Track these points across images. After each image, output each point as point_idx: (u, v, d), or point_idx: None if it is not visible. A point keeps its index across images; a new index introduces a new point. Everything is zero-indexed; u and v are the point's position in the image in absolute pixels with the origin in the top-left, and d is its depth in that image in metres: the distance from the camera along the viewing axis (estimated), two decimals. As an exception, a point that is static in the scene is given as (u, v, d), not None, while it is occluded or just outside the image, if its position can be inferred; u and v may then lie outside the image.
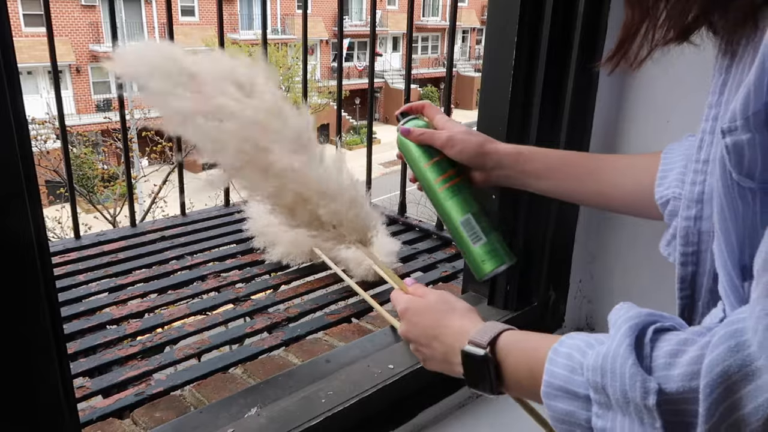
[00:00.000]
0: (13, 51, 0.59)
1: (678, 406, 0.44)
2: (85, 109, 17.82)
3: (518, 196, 1.25)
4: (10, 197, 0.60)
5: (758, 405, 0.39)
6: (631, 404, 0.46)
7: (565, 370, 0.52)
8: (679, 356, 0.45)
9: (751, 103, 0.45)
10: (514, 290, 1.30)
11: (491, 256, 0.90)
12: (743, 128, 0.45)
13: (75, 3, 17.52)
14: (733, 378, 0.40)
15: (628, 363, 0.47)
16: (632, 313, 0.50)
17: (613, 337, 0.49)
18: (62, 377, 0.69)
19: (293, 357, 1.20)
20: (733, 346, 0.41)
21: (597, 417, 0.50)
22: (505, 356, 0.62)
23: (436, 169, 0.93)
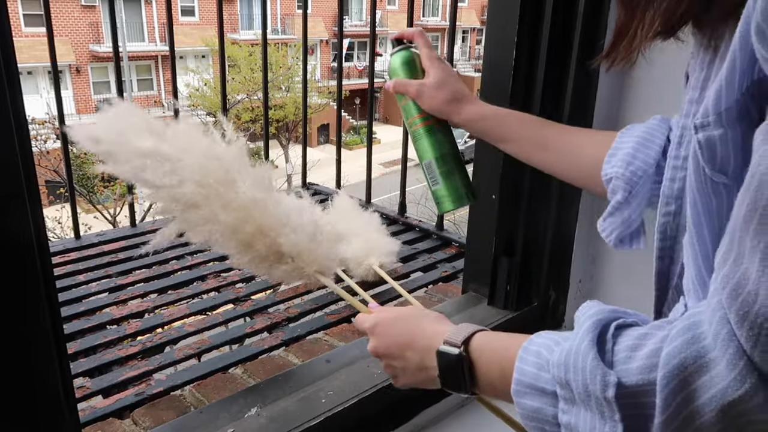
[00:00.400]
0: (13, 51, 0.59)
1: (637, 399, 0.45)
2: (85, 109, 17.81)
3: (518, 196, 1.25)
4: (10, 197, 0.60)
5: (711, 396, 0.40)
6: (592, 398, 0.47)
7: (533, 368, 0.53)
8: (639, 350, 0.46)
9: (723, 98, 0.45)
10: (514, 290, 1.30)
11: (444, 199, 0.98)
12: (715, 124, 0.46)
13: (75, 3, 17.52)
14: (689, 370, 0.41)
15: (589, 357, 0.47)
16: (595, 310, 0.51)
17: (576, 333, 0.50)
18: (62, 377, 0.69)
19: (293, 357, 1.20)
20: (690, 339, 0.42)
21: (563, 413, 0.50)
22: (479, 356, 0.63)
23: (411, 108, 0.99)
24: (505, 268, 1.29)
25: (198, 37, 17.09)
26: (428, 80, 0.96)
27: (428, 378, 0.69)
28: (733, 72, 0.44)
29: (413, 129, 0.99)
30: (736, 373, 0.39)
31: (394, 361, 0.74)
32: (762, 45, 0.41)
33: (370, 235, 1.54)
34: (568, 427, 0.50)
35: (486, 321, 1.28)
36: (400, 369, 0.73)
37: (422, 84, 0.96)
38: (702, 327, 0.42)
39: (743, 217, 0.39)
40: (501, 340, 0.62)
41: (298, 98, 14.46)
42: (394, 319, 0.77)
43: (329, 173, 2.77)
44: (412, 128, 1.00)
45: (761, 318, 0.37)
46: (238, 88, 14.73)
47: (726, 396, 0.39)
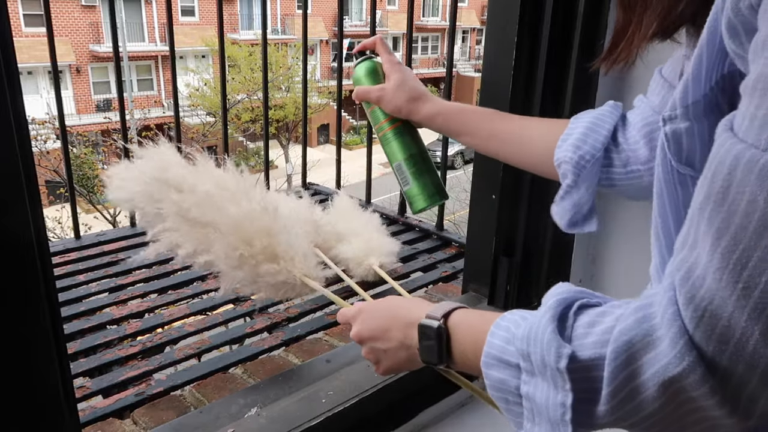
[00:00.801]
0: (13, 51, 0.59)
1: (588, 373, 0.47)
2: (85, 109, 17.81)
3: (518, 196, 1.25)
4: (10, 197, 0.60)
5: (654, 372, 0.42)
6: (548, 369, 0.49)
7: (502, 342, 0.55)
8: (595, 326, 0.48)
9: (689, 93, 0.47)
10: (514, 290, 1.30)
11: (416, 198, 1.01)
12: (682, 117, 0.48)
13: (75, 3, 17.51)
14: (636, 346, 0.43)
15: (547, 331, 0.50)
16: (562, 290, 0.53)
17: (540, 310, 0.53)
18: (62, 377, 0.69)
19: (293, 357, 1.20)
20: (640, 318, 0.44)
21: (524, 383, 0.53)
22: (456, 329, 0.66)
23: (377, 114, 1.03)
24: (505, 268, 1.29)
25: (198, 37, 17.09)
26: (388, 84, 1.00)
27: (409, 357, 0.72)
28: (700, 67, 0.46)
29: (381, 134, 1.03)
30: (677, 351, 0.41)
31: (377, 342, 0.75)
32: (733, 40, 0.42)
33: (370, 235, 1.54)
34: (528, 397, 0.53)
35: (486, 321, 1.28)
36: (383, 351, 0.75)
37: (382, 88, 1.00)
38: (653, 307, 0.44)
39: (699, 205, 0.41)
40: (478, 316, 0.65)
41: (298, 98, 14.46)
42: (376, 303, 0.80)
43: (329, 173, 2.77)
44: (380, 133, 1.03)
45: (705, 301, 0.39)
46: (238, 88, 14.73)
47: (667, 372, 0.41)
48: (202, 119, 14.14)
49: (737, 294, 0.38)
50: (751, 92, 0.38)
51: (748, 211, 0.37)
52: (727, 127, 0.40)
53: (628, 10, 0.56)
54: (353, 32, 21.15)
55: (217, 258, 1.08)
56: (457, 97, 23.62)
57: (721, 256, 0.38)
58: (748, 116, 0.38)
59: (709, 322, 0.39)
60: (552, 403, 0.49)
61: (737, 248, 0.38)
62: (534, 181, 1.23)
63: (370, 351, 0.77)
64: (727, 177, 0.38)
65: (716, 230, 0.39)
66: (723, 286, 0.38)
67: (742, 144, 0.38)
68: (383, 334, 0.75)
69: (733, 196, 0.38)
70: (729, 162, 0.38)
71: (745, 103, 0.39)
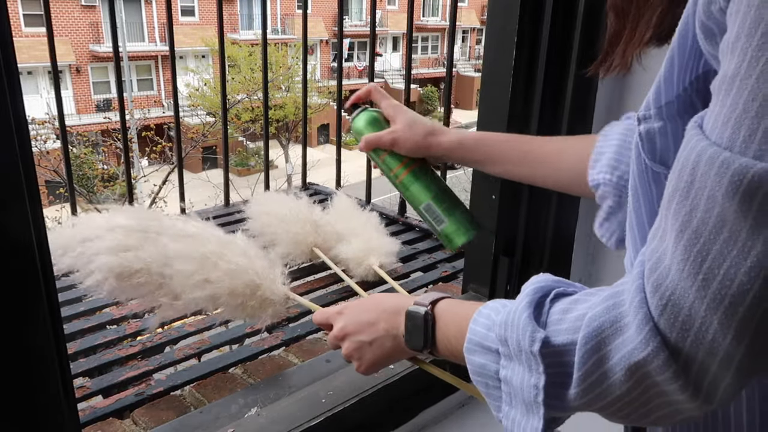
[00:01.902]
0: (13, 51, 0.59)
1: (561, 358, 0.49)
2: (85, 109, 17.80)
3: (518, 196, 1.25)
4: (10, 197, 0.60)
5: (621, 356, 0.44)
6: (523, 352, 0.51)
7: (483, 328, 0.58)
8: (568, 313, 0.50)
9: (662, 94, 0.48)
10: (513, 290, 1.30)
11: (455, 235, 0.97)
12: (656, 117, 0.49)
13: (75, 3, 17.50)
14: (606, 332, 0.45)
15: (523, 316, 0.52)
16: (540, 278, 0.56)
17: (519, 297, 0.55)
18: (62, 377, 0.69)
19: (293, 357, 1.20)
20: (611, 305, 0.46)
21: (503, 368, 0.55)
22: (441, 316, 0.68)
23: (390, 161, 0.97)
24: (505, 268, 1.29)
25: (198, 37, 17.08)
26: (398, 126, 0.95)
27: (395, 346, 0.74)
28: (672, 68, 0.47)
29: (399, 180, 0.97)
30: (642, 337, 0.42)
31: (362, 335, 0.77)
32: (708, 42, 0.43)
33: (369, 234, 1.54)
34: (505, 381, 0.55)
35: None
36: (368, 343, 0.76)
37: (394, 131, 0.95)
38: (623, 295, 0.45)
39: (667, 197, 0.42)
40: (463, 305, 0.68)
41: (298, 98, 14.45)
42: (361, 300, 0.82)
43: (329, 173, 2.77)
44: (397, 180, 0.98)
45: (669, 291, 0.41)
46: (238, 88, 14.72)
47: (632, 357, 0.43)
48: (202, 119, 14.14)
49: (697, 285, 0.39)
50: (717, 91, 0.40)
51: (708, 207, 0.38)
52: (696, 124, 0.41)
53: (621, 17, 0.56)
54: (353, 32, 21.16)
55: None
56: (457, 97, 23.62)
57: (684, 248, 0.40)
58: (713, 115, 0.40)
59: (672, 310, 0.41)
60: (526, 385, 0.52)
61: (698, 241, 0.39)
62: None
63: (354, 346, 0.78)
64: (691, 172, 0.40)
65: (680, 223, 0.40)
66: (685, 277, 0.40)
67: (706, 141, 0.39)
68: (370, 327, 0.76)
69: (696, 191, 0.39)
70: (693, 158, 0.40)
71: (713, 101, 0.40)
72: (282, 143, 16.01)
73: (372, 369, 0.79)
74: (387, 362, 0.78)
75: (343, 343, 0.80)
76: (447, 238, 0.97)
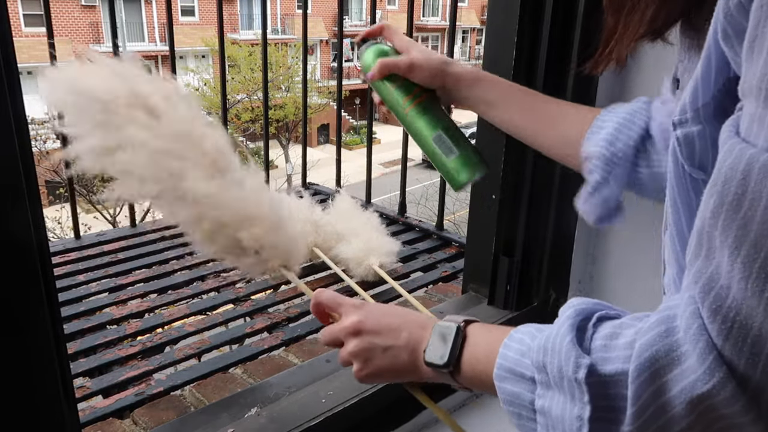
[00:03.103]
0: (13, 51, 0.59)
1: (609, 390, 0.45)
2: (85, 109, 17.79)
3: (518, 196, 1.25)
4: (10, 198, 0.60)
5: (681, 389, 0.40)
6: (565, 380, 0.47)
7: (516, 354, 0.54)
8: (615, 339, 0.46)
9: (699, 95, 0.45)
10: (514, 290, 1.30)
11: (465, 167, 0.93)
12: (693, 120, 0.46)
13: (75, 3, 17.50)
14: (661, 362, 0.41)
15: (565, 340, 0.48)
16: (579, 301, 0.52)
17: (558, 321, 0.51)
18: (62, 377, 0.69)
19: (293, 357, 1.20)
20: (662, 332, 0.42)
21: (539, 397, 0.51)
22: (472, 334, 0.64)
23: (402, 90, 0.94)
24: (505, 268, 1.29)
25: (198, 37, 17.08)
26: (413, 54, 0.91)
27: (410, 361, 0.67)
28: (708, 69, 0.44)
29: (409, 110, 0.94)
30: (706, 367, 0.39)
31: (378, 337, 0.69)
32: (725, 43, 0.41)
33: (369, 235, 1.54)
34: (542, 411, 0.50)
35: (486, 321, 1.28)
36: (381, 348, 0.69)
37: (411, 57, 0.91)
38: (675, 321, 0.42)
39: (711, 213, 0.39)
40: (496, 329, 0.63)
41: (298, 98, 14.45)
42: (384, 304, 0.76)
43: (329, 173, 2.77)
44: (407, 110, 0.94)
45: (733, 312, 0.38)
46: (238, 88, 14.72)
47: (695, 389, 0.40)
48: (203, 118, 14.11)
49: (765, 302, 0.36)
50: (756, 93, 0.37)
51: (766, 218, 0.36)
52: (732, 132, 0.39)
53: (616, 12, 0.55)
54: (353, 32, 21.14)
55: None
56: (457, 97, 23.62)
57: (743, 265, 0.37)
58: (757, 118, 0.37)
59: (739, 333, 0.38)
60: (569, 416, 0.47)
61: (759, 255, 0.36)
62: (534, 181, 1.23)
63: (365, 345, 0.70)
64: (741, 183, 0.37)
65: (734, 239, 0.37)
66: (749, 296, 0.37)
67: (754, 148, 0.36)
68: (391, 331, 0.69)
69: (749, 202, 0.36)
70: (742, 168, 0.37)
71: (751, 105, 0.38)
72: (282, 143, 16.01)
73: (373, 378, 0.72)
74: (392, 376, 0.71)
75: (351, 340, 0.71)
76: (456, 171, 0.93)
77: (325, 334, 0.75)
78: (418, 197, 9.30)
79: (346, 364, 0.73)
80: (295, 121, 16.07)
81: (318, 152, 17.01)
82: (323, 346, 0.91)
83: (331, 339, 0.75)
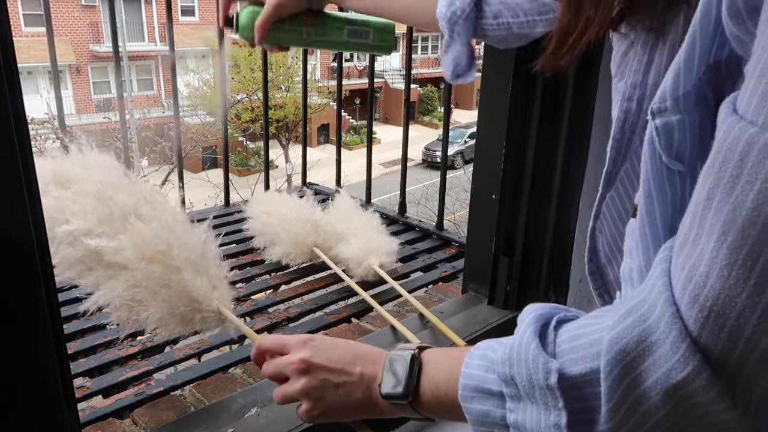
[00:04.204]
0: (13, 51, 0.59)
1: (581, 390, 0.44)
2: (85, 109, 17.80)
3: (518, 196, 1.25)
4: (9, 197, 0.60)
5: (656, 379, 0.40)
6: (536, 388, 0.46)
7: (479, 371, 0.52)
8: (579, 339, 0.45)
9: (681, 83, 0.44)
10: (514, 290, 1.30)
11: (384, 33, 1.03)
12: (673, 109, 0.44)
13: (75, 3, 17.50)
14: (632, 354, 0.41)
15: (531, 347, 0.47)
16: (536, 307, 0.51)
17: (518, 329, 0.50)
18: (62, 377, 0.69)
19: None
20: (630, 324, 0.41)
21: (510, 411, 0.49)
22: (428, 361, 0.62)
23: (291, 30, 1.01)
24: (505, 268, 1.29)
25: (198, 37, 17.08)
26: None
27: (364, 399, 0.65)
28: (692, 54, 0.42)
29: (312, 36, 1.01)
30: (680, 355, 0.38)
31: (330, 374, 0.67)
32: (734, 21, 0.39)
33: (369, 234, 1.54)
34: (516, 426, 0.49)
35: (486, 321, 1.28)
36: (333, 385, 0.67)
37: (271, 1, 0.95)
38: (642, 309, 0.41)
39: (706, 195, 0.38)
40: (452, 350, 0.62)
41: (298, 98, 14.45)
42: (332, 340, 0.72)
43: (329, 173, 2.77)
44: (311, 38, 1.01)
45: (710, 300, 0.37)
46: (238, 88, 14.72)
47: (670, 378, 0.39)
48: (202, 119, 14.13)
49: (748, 291, 0.35)
50: (762, 71, 0.35)
51: (759, 202, 0.34)
52: (730, 111, 0.37)
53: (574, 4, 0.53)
54: (353, 32, 21.14)
55: None
56: (457, 97, 23.62)
57: (729, 251, 0.35)
58: (755, 96, 0.35)
59: (717, 322, 0.37)
60: (545, 425, 0.46)
61: (746, 243, 0.35)
62: (534, 181, 1.23)
63: (316, 383, 0.67)
64: (738, 164, 0.35)
65: (723, 222, 0.36)
66: (732, 284, 0.35)
67: (754, 127, 0.34)
68: (343, 366, 0.67)
69: (743, 185, 0.35)
70: (740, 148, 0.35)
71: (749, 81, 0.36)
72: (282, 143, 16.01)
73: (323, 417, 0.68)
74: (344, 415, 0.68)
75: (300, 377, 0.68)
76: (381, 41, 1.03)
77: (272, 371, 0.72)
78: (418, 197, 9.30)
79: (289, 401, 0.70)
80: (295, 121, 16.07)
81: (318, 152, 17.02)
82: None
83: (274, 372, 0.71)
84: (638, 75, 0.55)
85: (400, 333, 1.20)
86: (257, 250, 1.66)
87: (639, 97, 0.55)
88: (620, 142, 0.59)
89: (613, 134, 0.59)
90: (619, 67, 0.57)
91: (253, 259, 1.63)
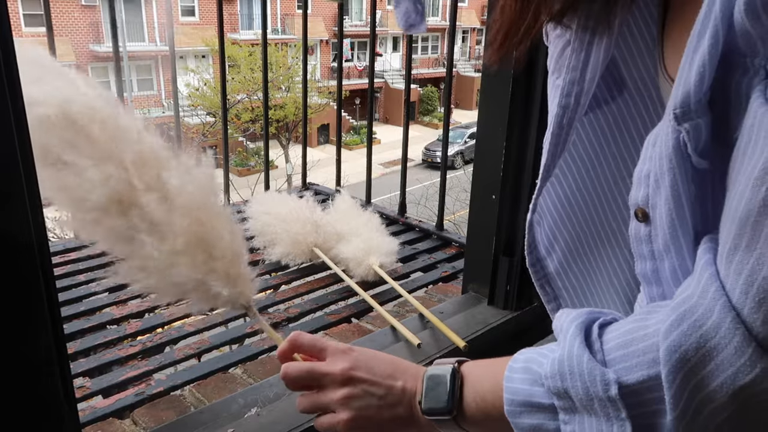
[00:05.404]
0: (14, 51, 0.59)
1: (641, 397, 0.44)
2: (85, 109, 17.77)
3: (518, 196, 1.25)
4: (9, 197, 0.60)
5: (721, 382, 0.40)
6: (595, 401, 0.46)
7: (524, 384, 0.51)
8: (631, 346, 0.45)
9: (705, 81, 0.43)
10: (514, 290, 1.30)
11: None
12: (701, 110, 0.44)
13: (75, 3, 17.49)
14: (692, 361, 0.41)
15: (583, 360, 0.47)
16: (573, 315, 0.51)
17: (562, 341, 0.50)
18: (62, 377, 0.69)
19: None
20: (686, 330, 0.41)
21: (565, 424, 0.49)
22: (470, 372, 0.61)
23: None
24: (505, 268, 1.29)
25: (198, 37, 17.08)
26: None
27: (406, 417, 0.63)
28: (715, 52, 0.41)
29: None
30: (746, 359, 0.39)
31: (372, 387, 0.65)
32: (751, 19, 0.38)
33: (370, 234, 1.54)
34: None
35: (486, 321, 1.28)
36: (377, 397, 0.65)
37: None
38: (695, 315, 0.41)
39: (762, 201, 0.37)
40: (493, 361, 0.61)
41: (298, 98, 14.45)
42: (373, 352, 0.70)
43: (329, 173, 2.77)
44: None
45: None
46: (238, 88, 14.73)
47: (737, 381, 0.39)
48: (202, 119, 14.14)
49: None
50: None
51: None
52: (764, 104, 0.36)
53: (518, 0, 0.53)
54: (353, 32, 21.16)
55: None
56: (457, 97, 23.63)
57: None
58: None
59: None
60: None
61: None
62: (534, 181, 1.23)
63: (359, 394, 0.65)
64: None
65: None
66: None
67: None
68: (385, 379, 0.65)
69: None
70: None
71: None
72: (282, 143, 16.02)
73: (359, 430, 0.66)
74: (383, 428, 0.65)
75: (340, 389, 0.66)
76: None
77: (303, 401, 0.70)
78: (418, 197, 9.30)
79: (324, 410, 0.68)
80: (295, 121, 16.07)
81: (318, 152, 17.03)
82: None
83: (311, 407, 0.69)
84: (576, 72, 0.56)
85: (400, 333, 1.20)
86: (257, 250, 1.66)
87: (577, 93, 0.57)
88: (558, 137, 0.60)
89: (552, 129, 0.60)
90: (556, 64, 0.59)
91: (253, 259, 1.63)
